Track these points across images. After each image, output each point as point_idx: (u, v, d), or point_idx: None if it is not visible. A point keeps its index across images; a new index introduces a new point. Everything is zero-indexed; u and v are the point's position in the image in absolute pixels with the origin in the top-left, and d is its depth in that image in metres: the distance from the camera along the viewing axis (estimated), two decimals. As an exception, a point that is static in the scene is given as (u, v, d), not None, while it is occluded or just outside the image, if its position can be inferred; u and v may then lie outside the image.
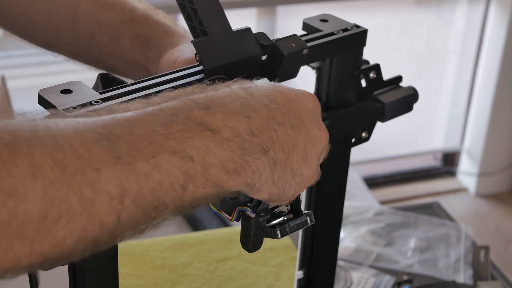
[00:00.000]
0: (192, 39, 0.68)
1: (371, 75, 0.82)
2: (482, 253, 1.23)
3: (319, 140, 0.61)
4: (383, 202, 2.63)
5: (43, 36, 0.84)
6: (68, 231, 0.47)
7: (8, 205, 0.44)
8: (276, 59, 0.70)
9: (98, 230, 0.48)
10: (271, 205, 0.66)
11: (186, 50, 0.77)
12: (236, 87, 0.58)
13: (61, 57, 0.87)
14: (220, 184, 0.54)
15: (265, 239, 0.67)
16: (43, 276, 0.66)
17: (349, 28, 0.79)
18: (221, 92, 0.56)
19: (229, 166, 0.54)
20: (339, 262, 1.18)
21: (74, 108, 0.59)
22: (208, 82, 0.59)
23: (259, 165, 0.56)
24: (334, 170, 0.84)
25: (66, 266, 0.62)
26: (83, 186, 0.47)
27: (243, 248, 0.67)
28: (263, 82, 0.60)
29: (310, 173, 0.61)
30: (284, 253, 1.18)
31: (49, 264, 0.48)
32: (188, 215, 2.32)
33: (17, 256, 0.45)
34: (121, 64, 0.81)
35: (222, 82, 0.58)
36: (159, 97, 0.55)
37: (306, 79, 0.92)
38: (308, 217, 0.69)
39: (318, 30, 0.78)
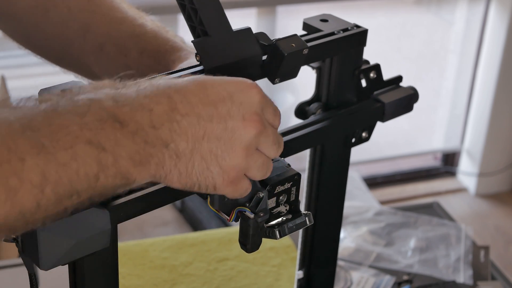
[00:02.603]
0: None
1: (371, 75, 0.82)
2: (482, 253, 1.23)
3: (241, 130, 0.59)
4: (383, 202, 2.63)
5: (55, 48, 0.86)
6: None
7: None
8: (276, 59, 0.70)
9: (16, 217, 0.50)
10: (269, 205, 0.66)
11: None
12: (144, 82, 0.59)
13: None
14: (127, 176, 0.56)
15: (265, 239, 0.67)
16: (43, 276, 0.66)
17: (349, 28, 0.79)
18: (129, 87, 0.58)
19: (135, 158, 0.56)
20: (339, 262, 1.18)
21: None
22: (119, 78, 0.60)
23: (160, 157, 0.57)
24: (334, 170, 0.84)
25: (66, 266, 0.62)
26: (9, 175, 0.49)
27: (242, 248, 0.67)
28: (189, 76, 0.60)
29: (232, 163, 0.60)
30: (284, 253, 1.18)
31: None
32: (187, 216, 2.32)
33: None
34: (128, 78, 0.83)
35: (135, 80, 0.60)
36: (70, 88, 0.57)
37: (306, 79, 0.92)
38: (307, 218, 0.69)
39: (318, 30, 0.78)
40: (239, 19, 1.03)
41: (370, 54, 0.90)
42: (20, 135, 0.51)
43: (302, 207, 0.72)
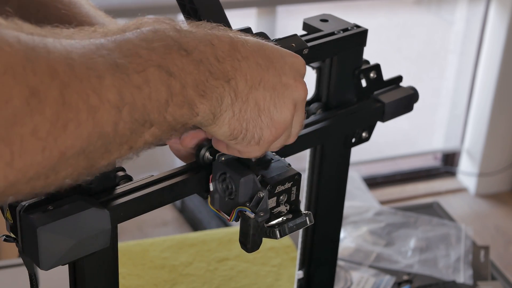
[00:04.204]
0: None
1: (371, 75, 0.82)
2: (482, 253, 1.23)
3: (293, 88, 0.62)
4: (383, 202, 2.63)
5: None
6: (74, 139, 0.48)
7: (31, 103, 0.45)
8: (276, 59, 0.70)
9: (96, 140, 0.50)
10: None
11: None
12: (205, 23, 0.60)
13: None
14: (192, 106, 0.56)
15: (265, 239, 0.67)
16: (43, 276, 0.66)
17: (349, 28, 0.79)
18: (188, 23, 0.59)
19: (200, 87, 0.56)
20: (339, 262, 1.18)
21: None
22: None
23: (221, 92, 0.58)
24: (334, 170, 0.84)
25: (66, 266, 0.62)
26: (90, 92, 0.49)
27: (242, 248, 0.67)
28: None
29: (282, 118, 0.62)
30: (284, 253, 1.18)
31: (47, 182, 0.49)
32: (187, 216, 2.32)
33: (28, 162, 0.46)
34: None
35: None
36: (133, 22, 0.57)
37: (306, 79, 0.92)
38: (307, 217, 0.69)
39: (319, 30, 0.78)
40: (239, 19, 1.03)
41: (370, 54, 0.90)
42: (95, 54, 0.50)
43: (302, 207, 0.72)
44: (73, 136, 0.48)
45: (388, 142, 2.92)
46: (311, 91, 0.83)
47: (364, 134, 0.84)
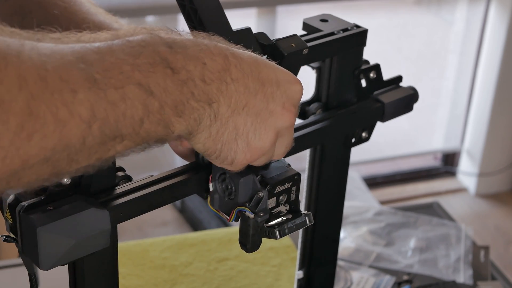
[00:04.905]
0: None
1: (371, 75, 0.82)
2: (482, 253, 1.23)
3: (278, 115, 0.61)
4: (383, 202, 2.63)
5: None
6: (38, 150, 0.48)
7: None
8: (276, 59, 0.70)
9: (62, 151, 0.49)
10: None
11: None
12: (202, 35, 0.59)
13: None
14: (169, 125, 0.55)
15: (265, 239, 0.67)
16: (43, 276, 0.66)
17: (349, 28, 0.79)
18: (184, 36, 0.58)
19: (179, 108, 0.55)
20: (339, 262, 1.18)
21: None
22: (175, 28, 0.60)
23: (201, 114, 0.57)
24: (334, 170, 0.84)
25: (66, 266, 0.62)
26: (60, 106, 0.48)
27: (242, 248, 0.67)
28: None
29: (259, 144, 0.61)
30: (284, 253, 1.18)
31: (9, 186, 0.49)
32: (187, 216, 2.32)
33: None
34: None
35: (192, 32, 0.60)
36: (125, 30, 0.56)
37: (306, 79, 0.92)
38: (307, 218, 0.69)
39: (318, 30, 0.78)
40: (239, 19, 1.03)
41: (370, 54, 0.90)
42: (73, 66, 0.49)
43: (302, 207, 0.72)
44: (37, 147, 0.48)
45: (388, 142, 2.92)
46: (311, 91, 0.83)
47: (364, 134, 0.84)
